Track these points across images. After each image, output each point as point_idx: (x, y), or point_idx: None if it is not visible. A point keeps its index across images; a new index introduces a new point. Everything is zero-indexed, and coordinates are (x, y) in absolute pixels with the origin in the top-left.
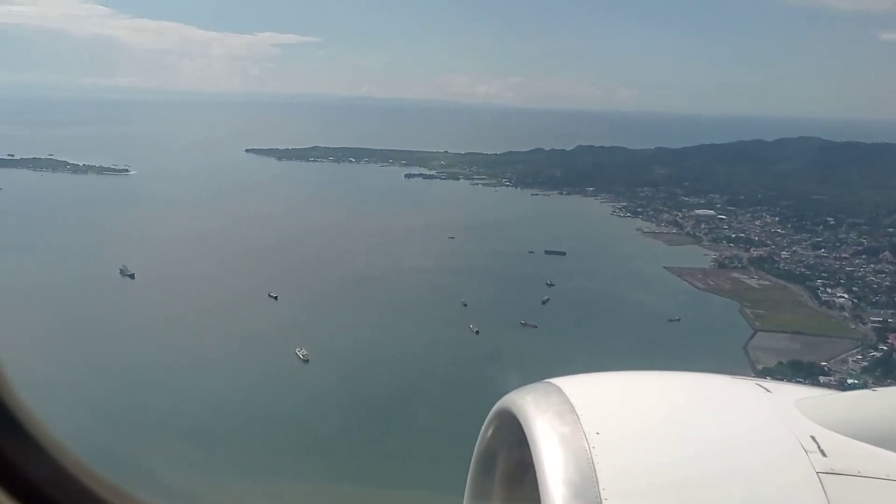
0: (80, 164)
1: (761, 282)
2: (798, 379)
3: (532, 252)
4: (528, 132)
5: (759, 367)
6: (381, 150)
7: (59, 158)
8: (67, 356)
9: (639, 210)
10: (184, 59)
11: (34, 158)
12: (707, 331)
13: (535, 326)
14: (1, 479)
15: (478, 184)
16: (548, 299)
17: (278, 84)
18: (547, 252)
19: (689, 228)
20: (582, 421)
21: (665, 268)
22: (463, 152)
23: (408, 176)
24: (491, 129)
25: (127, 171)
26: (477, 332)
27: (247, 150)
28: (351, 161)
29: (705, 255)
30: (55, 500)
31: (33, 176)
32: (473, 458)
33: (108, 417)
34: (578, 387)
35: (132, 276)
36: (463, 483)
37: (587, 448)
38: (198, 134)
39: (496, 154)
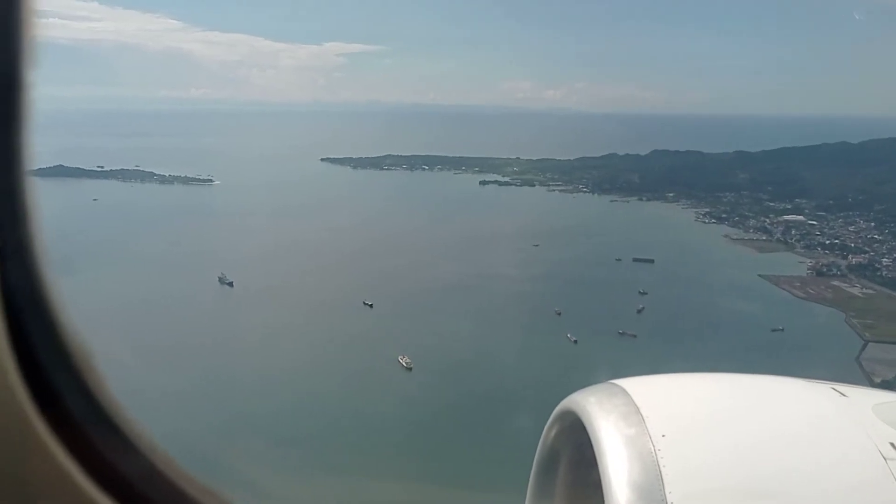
0: (167, 174)
1: (865, 290)
2: None
3: (619, 259)
4: (598, 137)
5: (877, 379)
6: (452, 157)
7: (146, 169)
8: (177, 363)
9: (724, 216)
10: (253, 71)
11: (122, 170)
12: (814, 342)
13: (634, 336)
14: (98, 477)
15: (554, 190)
16: (643, 308)
17: (345, 93)
18: (635, 259)
19: (779, 235)
20: (647, 422)
21: (760, 276)
22: (535, 158)
23: (482, 183)
24: (561, 135)
25: (211, 181)
26: (575, 342)
27: (322, 160)
28: (424, 168)
29: (800, 262)
30: (149, 498)
31: (123, 187)
32: (536, 459)
33: (217, 424)
34: (643, 388)
35: (231, 285)
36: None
37: (652, 450)
38: (271, 144)
39: (569, 160)
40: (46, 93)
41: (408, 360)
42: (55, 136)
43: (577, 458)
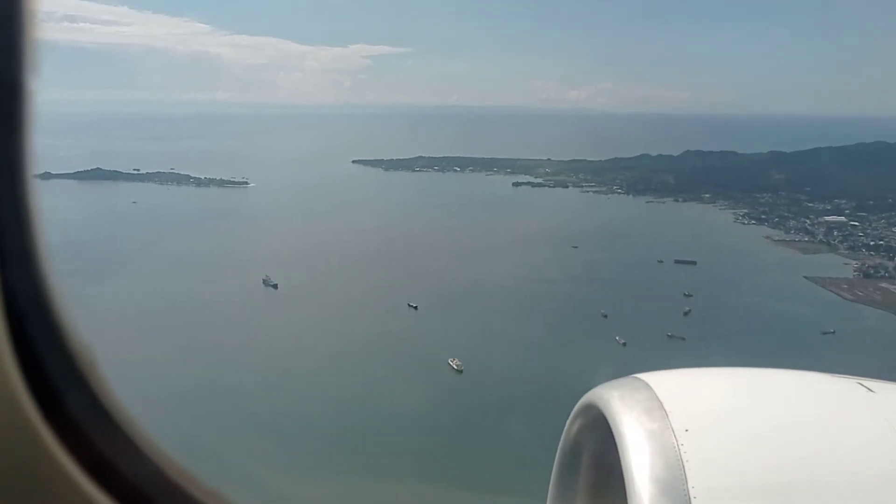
0: (202, 177)
1: None
2: None
3: (661, 261)
4: (627, 138)
5: None
6: (483, 158)
7: (181, 172)
8: (229, 365)
9: (763, 217)
10: (279, 73)
11: (158, 173)
12: (867, 345)
13: (683, 338)
14: (101, 479)
15: (588, 191)
16: (689, 310)
17: (370, 95)
18: (677, 261)
19: (821, 236)
20: (671, 417)
21: (805, 277)
22: (566, 159)
23: (516, 184)
24: (590, 136)
25: (246, 183)
26: (624, 345)
27: (353, 161)
28: (456, 170)
29: (845, 263)
30: (151, 500)
31: (160, 189)
32: (558, 453)
33: (272, 425)
34: (667, 383)
35: (275, 287)
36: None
37: (676, 445)
38: (300, 146)
39: (601, 161)
40: (78, 96)
41: (458, 363)
42: (88, 139)
43: (599, 452)
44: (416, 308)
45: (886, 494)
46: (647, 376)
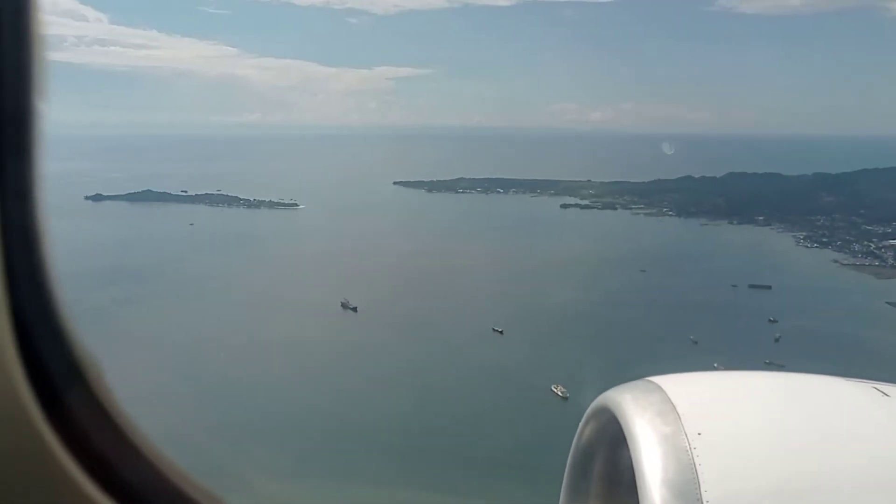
0: (251, 199)
1: None
2: None
3: (735, 286)
4: (662, 159)
5: None
6: (524, 179)
7: (229, 194)
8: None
9: (824, 240)
10: (304, 95)
11: (207, 194)
12: None
13: (782, 365)
14: (99, 479)
15: (638, 213)
16: (780, 337)
17: (394, 116)
18: (751, 286)
19: (891, 260)
20: (683, 420)
21: (888, 303)
22: (607, 181)
23: (564, 206)
24: (623, 157)
25: (296, 205)
26: None
27: (394, 183)
28: (499, 192)
29: None
30: (150, 502)
31: (213, 211)
32: (570, 456)
33: (384, 455)
34: (680, 386)
35: (355, 310)
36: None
37: (688, 448)
38: (337, 167)
39: (643, 182)
40: (110, 119)
41: (563, 390)
42: (127, 161)
43: (611, 455)
44: (501, 333)
45: None
46: (659, 379)
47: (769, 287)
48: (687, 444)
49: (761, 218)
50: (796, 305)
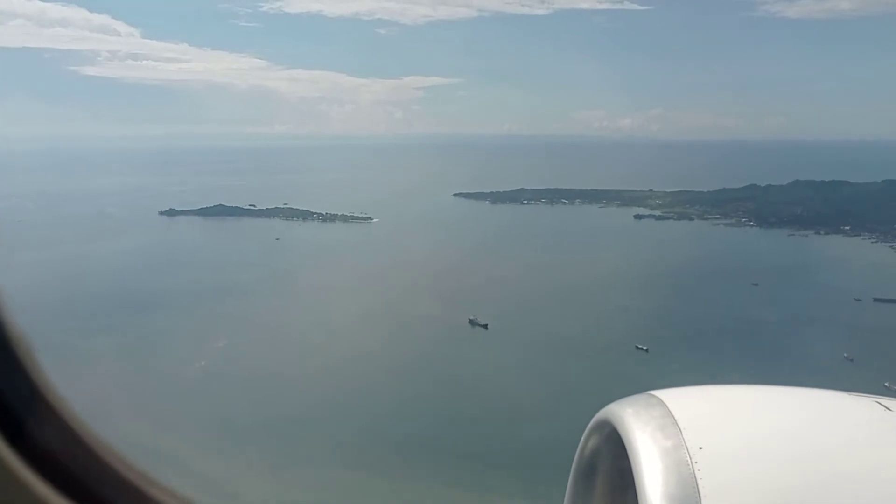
0: (324, 212)
1: None
2: None
3: (859, 300)
4: (715, 165)
5: None
6: (586, 189)
7: (298, 207)
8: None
9: None
10: (333, 106)
11: (276, 208)
12: None
13: None
14: (47, 473)
15: (718, 224)
16: None
17: (422, 125)
18: (876, 300)
19: None
20: (684, 434)
21: None
22: (670, 190)
23: (637, 217)
24: (672, 164)
25: (370, 218)
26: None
27: (454, 195)
28: (564, 203)
29: None
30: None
31: (289, 225)
32: (573, 469)
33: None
34: (681, 400)
35: (485, 327)
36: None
37: (689, 462)
38: (388, 178)
39: (708, 191)
40: (143, 132)
41: None
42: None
43: (613, 468)
44: (646, 350)
45: None
46: (661, 393)
47: (895, 301)
48: (688, 457)
49: (847, 228)
50: None
